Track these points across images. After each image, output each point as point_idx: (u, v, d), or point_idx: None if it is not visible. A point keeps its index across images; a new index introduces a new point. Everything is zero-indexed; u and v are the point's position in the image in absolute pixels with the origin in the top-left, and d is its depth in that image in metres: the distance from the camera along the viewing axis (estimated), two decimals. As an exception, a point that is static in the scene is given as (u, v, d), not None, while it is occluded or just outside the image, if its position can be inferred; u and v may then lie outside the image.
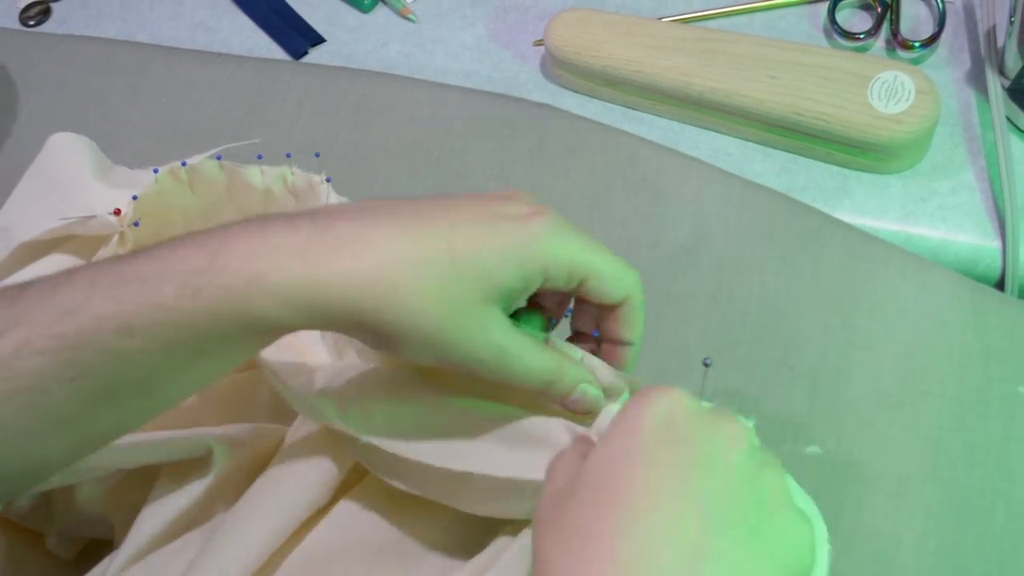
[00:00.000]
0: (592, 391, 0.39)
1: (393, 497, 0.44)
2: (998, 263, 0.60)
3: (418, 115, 0.65)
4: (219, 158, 0.49)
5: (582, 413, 0.39)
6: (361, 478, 0.45)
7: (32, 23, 0.78)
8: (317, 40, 0.74)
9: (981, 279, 0.59)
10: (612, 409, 0.39)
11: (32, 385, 0.33)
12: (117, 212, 0.47)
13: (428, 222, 0.36)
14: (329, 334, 0.45)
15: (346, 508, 0.43)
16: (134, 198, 0.47)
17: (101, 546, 0.47)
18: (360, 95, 0.67)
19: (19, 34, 0.75)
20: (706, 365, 0.40)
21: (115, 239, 0.47)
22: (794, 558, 0.32)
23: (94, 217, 0.47)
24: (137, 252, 0.36)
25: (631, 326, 0.40)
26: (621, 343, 0.41)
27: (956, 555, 0.49)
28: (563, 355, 0.39)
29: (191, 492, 0.42)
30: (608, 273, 0.38)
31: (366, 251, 0.34)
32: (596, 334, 0.41)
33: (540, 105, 0.65)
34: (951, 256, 0.60)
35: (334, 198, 0.49)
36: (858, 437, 0.52)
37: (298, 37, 0.74)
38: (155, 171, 0.49)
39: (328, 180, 0.47)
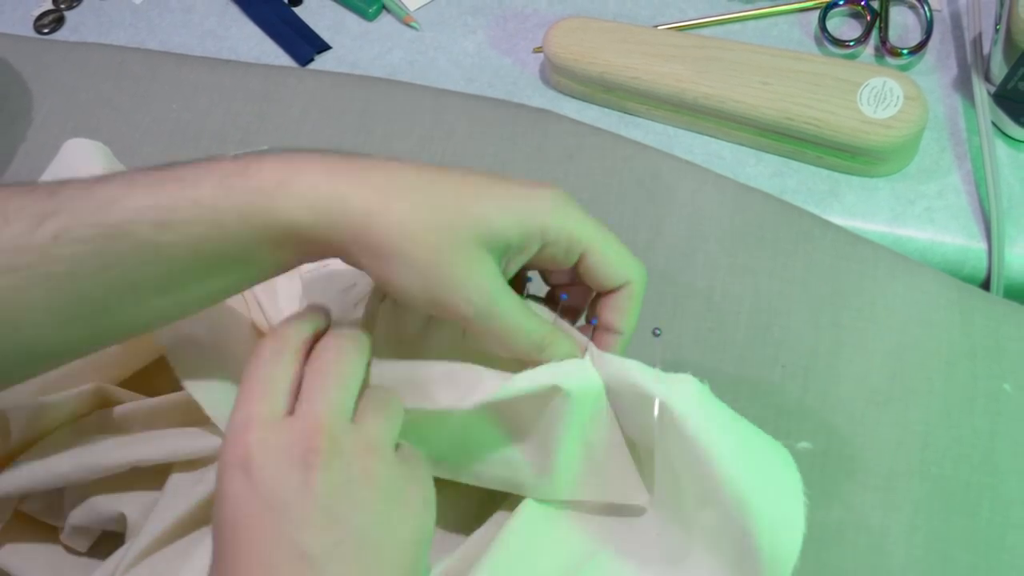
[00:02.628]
0: None
1: None
2: (984, 264, 0.60)
3: (421, 120, 0.65)
4: None
5: None
6: None
7: (46, 31, 0.78)
8: (323, 47, 0.74)
9: (967, 279, 0.59)
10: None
11: (66, 271, 0.34)
12: None
13: (445, 170, 0.37)
14: None
15: None
16: None
17: (113, 539, 0.47)
18: (364, 101, 0.67)
19: (33, 41, 0.75)
20: (656, 335, 0.39)
21: None
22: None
23: None
24: (173, 162, 0.37)
25: (625, 314, 0.40)
26: (613, 331, 0.41)
27: (943, 547, 0.49)
28: (556, 327, 0.39)
29: (203, 488, 0.42)
30: (610, 253, 0.39)
31: (382, 175, 0.36)
32: (594, 322, 0.41)
33: (539, 110, 0.65)
34: (938, 257, 0.60)
35: None
36: (848, 433, 0.52)
37: (304, 44, 0.74)
38: None
39: None
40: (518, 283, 0.42)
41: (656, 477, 0.39)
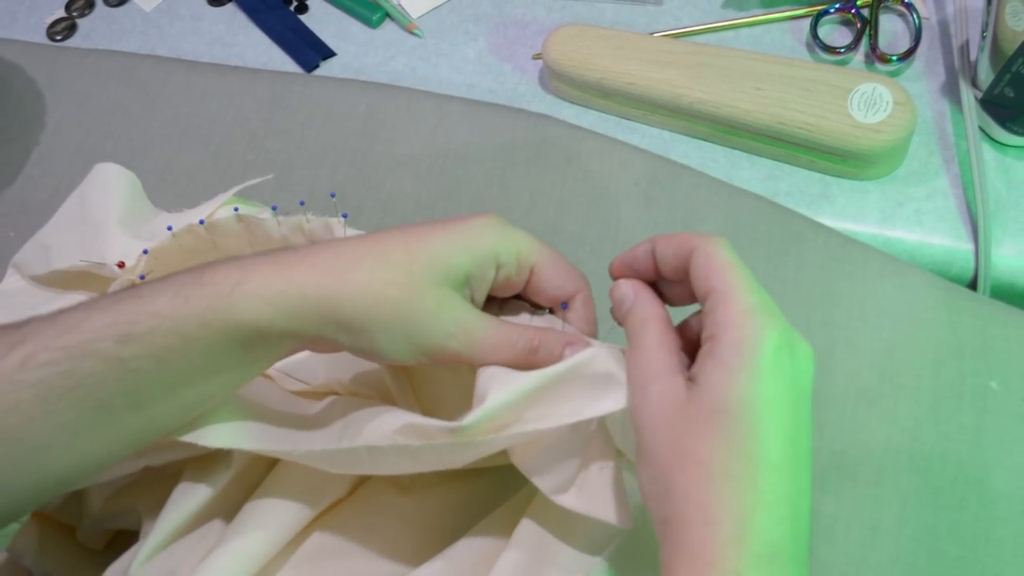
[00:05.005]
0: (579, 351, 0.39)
1: (401, 488, 0.43)
2: (971, 264, 0.59)
3: (423, 125, 0.65)
4: (237, 209, 0.48)
5: None
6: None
7: (59, 38, 0.77)
8: (328, 54, 0.74)
9: (955, 280, 0.59)
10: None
11: (35, 395, 0.34)
12: (121, 265, 0.47)
13: (385, 231, 0.38)
14: None
15: (357, 503, 0.43)
16: (145, 252, 0.47)
17: (128, 537, 0.47)
18: (368, 106, 0.67)
19: (47, 48, 0.74)
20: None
21: (118, 284, 0.47)
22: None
23: (104, 265, 0.47)
24: (134, 284, 0.38)
25: (590, 320, 0.41)
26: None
27: (931, 540, 0.49)
28: (542, 327, 0.39)
29: (213, 484, 0.42)
30: (559, 264, 0.40)
31: (329, 254, 0.37)
32: (565, 306, 0.41)
33: (539, 115, 0.65)
34: (926, 258, 0.60)
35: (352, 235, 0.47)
36: (839, 429, 0.52)
37: (310, 51, 0.74)
38: (169, 228, 0.48)
39: (345, 216, 0.47)
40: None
41: None
